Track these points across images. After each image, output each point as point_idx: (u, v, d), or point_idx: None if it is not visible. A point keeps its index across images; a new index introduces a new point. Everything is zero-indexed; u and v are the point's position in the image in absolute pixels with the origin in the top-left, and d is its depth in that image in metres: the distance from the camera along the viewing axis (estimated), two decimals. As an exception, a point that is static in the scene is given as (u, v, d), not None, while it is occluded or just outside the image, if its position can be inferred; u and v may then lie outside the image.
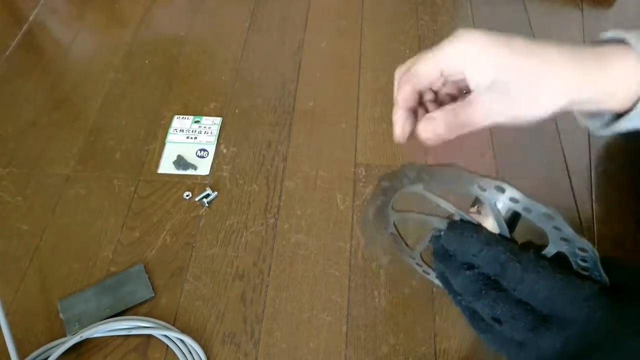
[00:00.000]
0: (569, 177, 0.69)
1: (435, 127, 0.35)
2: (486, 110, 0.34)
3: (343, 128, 0.76)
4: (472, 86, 0.34)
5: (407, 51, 0.86)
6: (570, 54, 0.35)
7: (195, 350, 0.55)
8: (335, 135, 0.75)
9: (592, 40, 0.37)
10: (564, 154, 0.72)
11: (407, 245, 0.44)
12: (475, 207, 0.36)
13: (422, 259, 0.44)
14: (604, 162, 0.71)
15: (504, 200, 0.32)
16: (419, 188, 0.35)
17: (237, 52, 0.85)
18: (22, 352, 0.53)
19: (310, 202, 0.67)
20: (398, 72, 0.38)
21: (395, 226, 0.42)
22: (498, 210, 0.33)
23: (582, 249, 0.31)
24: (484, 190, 0.32)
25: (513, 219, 0.35)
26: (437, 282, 0.40)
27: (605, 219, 0.65)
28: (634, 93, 0.34)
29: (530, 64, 0.33)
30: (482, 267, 0.33)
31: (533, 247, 0.33)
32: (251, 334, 0.57)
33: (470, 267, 0.34)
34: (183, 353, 0.54)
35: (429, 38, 0.88)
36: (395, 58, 0.85)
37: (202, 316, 0.58)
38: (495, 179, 0.31)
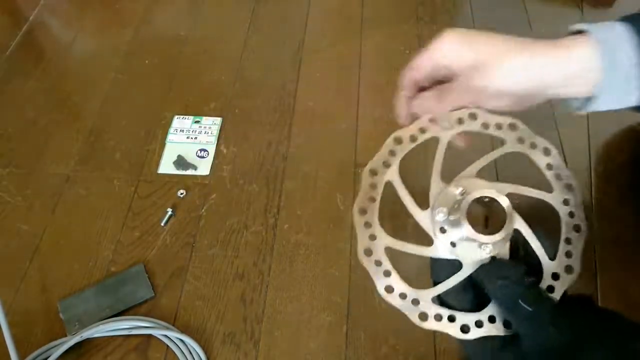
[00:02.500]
0: (569, 177, 0.69)
1: (425, 101, 0.43)
2: (464, 88, 0.42)
3: (343, 128, 0.75)
4: (456, 71, 0.42)
5: (407, 51, 0.86)
6: (536, 42, 0.40)
7: (195, 350, 0.55)
8: (335, 135, 0.75)
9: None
10: (564, 153, 0.72)
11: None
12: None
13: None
14: (603, 162, 0.71)
15: None
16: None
17: (237, 52, 0.85)
18: (22, 352, 0.53)
19: (310, 202, 0.67)
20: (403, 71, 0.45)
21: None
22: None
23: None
24: None
25: None
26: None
27: (605, 219, 0.65)
28: (593, 79, 0.39)
29: (498, 47, 0.40)
30: None
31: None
32: (251, 334, 0.57)
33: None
34: (183, 353, 0.54)
35: (429, 38, 0.88)
36: (395, 58, 0.85)
37: (202, 316, 0.58)
38: None
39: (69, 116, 0.77)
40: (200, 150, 0.72)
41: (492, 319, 0.38)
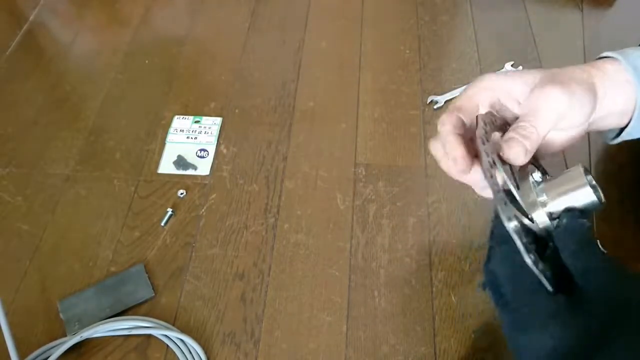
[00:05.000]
0: (569, 177, 0.69)
1: (520, 143, 0.37)
2: (550, 120, 0.37)
3: (343, 128, 0.76)
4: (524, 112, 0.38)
5: (407, 51, 0.86)
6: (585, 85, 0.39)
7: (195, 350, 0.55)
8: (335, 135, 0.75)
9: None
10: (564, 153, 0.72)
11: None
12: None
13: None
14: (603, 162, 0.71)
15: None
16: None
17: (237, 52, 0.85)
18: (22, 352, 0.52)
19: (310, 202, 0.67)
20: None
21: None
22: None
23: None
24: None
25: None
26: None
27: (605, 219, 0.65)
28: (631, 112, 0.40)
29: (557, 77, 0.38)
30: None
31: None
32: (251, 334, 0.57)
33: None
34: (183, 353, 0.54)
35: (429, 38, 0.88)
36: (395, 58, 0.85)
37: (202, 316, 0.58)
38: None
39: (69, 116, 0.77)
40: (200, 150, 0.72)
41: None
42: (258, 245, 0.63)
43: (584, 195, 0.37)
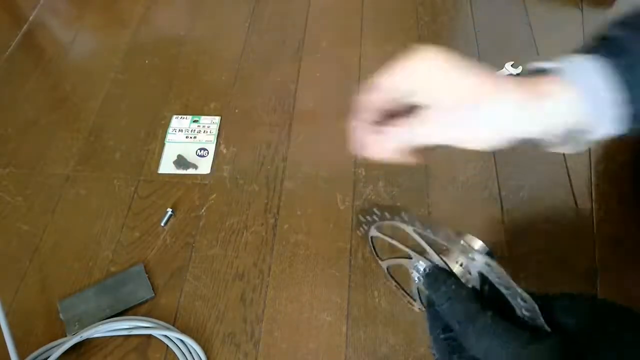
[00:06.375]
0: (569, 177, 0.69)
1: (387, 141, 0.38)
2: (440, 127, 0.36)
3: (343, 128, 0.75)
4: (429, 103, 0.36)
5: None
6: (518, 88, 0.36)
7: (195, 350, 0.55)
8: (335, 135, 0.74)
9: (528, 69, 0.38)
10: (564, 153, 0.72)
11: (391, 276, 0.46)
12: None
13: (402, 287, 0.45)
14: (604, 161, 0.71)
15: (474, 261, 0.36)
16: (408, 228, 0.38)
17: (237, 52, 0.85)
18: (22, 352, 0.53)
19: (310, 202, 0.67)
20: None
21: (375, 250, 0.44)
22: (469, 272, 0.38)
23: (523, 300, 0.33)
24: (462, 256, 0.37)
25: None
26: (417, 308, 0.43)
27: (605, 219, 0.65)
28: (575, 124, 0.36)
29: (486, 93, 0.35)
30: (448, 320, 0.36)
31: (493, 308, 0.35)
32: (251, 334, 0.57)
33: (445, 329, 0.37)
34: (183, 353, 0.54)
35: (429, 38, 0.88)
36: (395, 58, 0.85)
37: (202, 316, 0.58)
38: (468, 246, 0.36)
39: (69, 116, 0.77)
40: (200, 149, 0.72)
41: None
42: (258, 245, 0.63)
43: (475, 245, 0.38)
